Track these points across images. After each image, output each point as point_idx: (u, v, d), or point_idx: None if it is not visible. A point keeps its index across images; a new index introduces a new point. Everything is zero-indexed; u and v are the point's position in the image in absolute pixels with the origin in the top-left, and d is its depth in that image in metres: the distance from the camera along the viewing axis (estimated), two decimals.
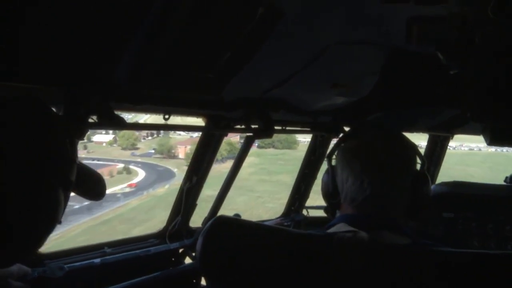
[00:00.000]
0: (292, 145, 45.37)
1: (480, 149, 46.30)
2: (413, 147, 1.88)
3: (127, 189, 37.45)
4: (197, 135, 3.06)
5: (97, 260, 2.65)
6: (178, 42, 1.71)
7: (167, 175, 41.55)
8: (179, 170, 42.92)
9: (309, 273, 1.55)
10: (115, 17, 1.49)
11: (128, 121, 2.07)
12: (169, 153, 46.92)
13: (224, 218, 1.74)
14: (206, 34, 1.78)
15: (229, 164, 4.04)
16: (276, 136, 3.03)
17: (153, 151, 47.51)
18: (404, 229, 1.74)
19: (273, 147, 44.47)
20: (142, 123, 2.31)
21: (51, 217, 1.20)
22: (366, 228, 1.64)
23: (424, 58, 2.32)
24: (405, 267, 1.52)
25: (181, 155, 45.23)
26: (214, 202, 3.37)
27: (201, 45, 1.83)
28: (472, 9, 1.64)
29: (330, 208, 1.94)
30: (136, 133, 48.13)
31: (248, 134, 2.98)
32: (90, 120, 1.87)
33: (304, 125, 3.47)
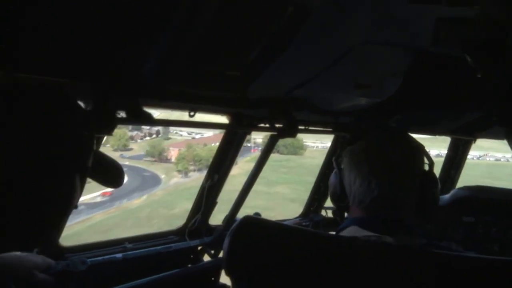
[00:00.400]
0: (299, 150, 42.93)
1: (507, 160, 42.68)
2: (420, 148, 1.88)
3: (99, 198, 33.43)
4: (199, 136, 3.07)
5: (119, 255, 2.68)
6: (205, 39, 1.72)
7: (152, 182, 38.94)
8: (167, 177, 40.52)
9: (335, 275, 1.56)
10: (143, 14, 1.50)
11: None
12: (160, 156, 44.63)
13: (251, 218, 1.75)
14: (233, 32, 1.79)
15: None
16: (281, 140, 3.02)
17: (143, 153, 44.97)
18: (416, 230, 1.74)
19: (278, 151, 40.77)
20: (169, 119, 2.32)
21: (67, 201, 1.23)
22: (380, 231, 1.66)
23: (449, 60, 2.31)
24: (428, 271, 1.52)
25: (174, 158, 42.95)
26: (235, 202, 3.38)
27: (228, 43, 1.84)
28: (503, 11, 1.62)
29: (339, 210, 1.96)
30: (129, 133, 46.30)
31: (272, 133, 2.98)
32: (118, 116, 1.89)
33: (326, 125, 3.47)
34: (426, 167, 1.87)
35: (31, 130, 1.15)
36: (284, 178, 35.37)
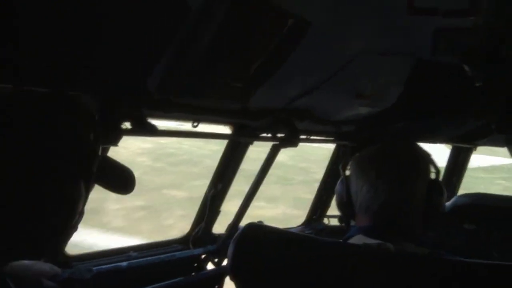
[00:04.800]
0: None
1: None
2: (427, 156, 1.89)
3: None
4: None
5: (124, 264, 2.70)
6: (209, 52, 1.75)
7: None
8: None
9: (338, 283, 1.57)
10: (148, 27, 1.54)
11: None
12: None
13: (255, 226, 1.77)
14: (236, 45, 1.83)
15: None
16: None
17: None
18: (421, 239, 1.75)
19: None
20: (173, 130, 2.35)
21: (72, 208, 1.23)
22: (385, 239, 1.65)
23: (449, 69, 2.33)
24: (430, 279, 1.54)
25: None
26: (238, 210, 3.40)
27: (230, 55, 1.87)
28: (500, 22, 1.66)
29: (345, 218, 1.96)
30: None
31: (274, 143, 3.02)
32: (123, 127, 1.92)
33: (328, 134, 3.49)
34: (433, 175, 1.88)
35: (34, 137, 1.15)
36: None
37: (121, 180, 1.50)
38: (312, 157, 20.64)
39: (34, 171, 1.14)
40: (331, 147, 4.02)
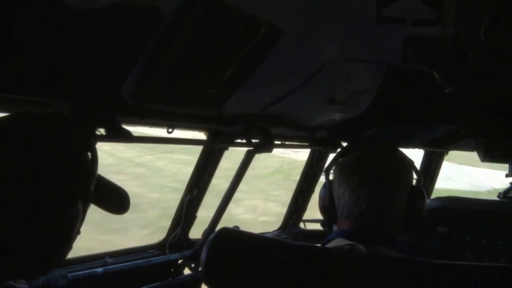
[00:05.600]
0: None
1: None
2: (409, 163, 1.92)
3: None
4: None
5: (100, 270, 2.69)
6: (182, 59, 1.76)
7: None
8: None
9: (311, 285, 1.59)
10: (122, 35, 1.55)
11: None
12: None
13: (228, 230, 1.77)
14: (209, 52, 1.84)
15: None
16: None
17: None
18: (399, 244, 1.77)
19: None
20: (147, 136, 2.35)
21: (71, 227, 1.23)
22: (363, 242, 1.65)
23: (420, 76, 2.38)
24: (402, 281, 1.56)
25: None
26: (214, 215, 3.41)
27: (204, 62, 1.89)
28: (465, 31, 1.70)
29: (328, 222, 1.96)
30: None
31: (248, 148, 3.04)
32: (98, 133, 1.92)
33: (302, 140, 3.53)
34: (415, 182, 1.90)
35: (29, 155, 1.16)
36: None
37: (116, 200, 1.50)
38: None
39: (33, 191, 1.15)
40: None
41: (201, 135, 2.74)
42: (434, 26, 1.72)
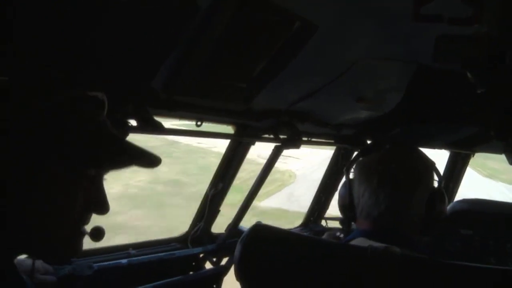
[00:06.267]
0: None
1: None
2: (431, 164, 1.91)
3: None
4: None
5: (124, 261, 2.72)
6: (214, 52, 1.77)
7: None
8: None
9: (345, 284, 1.58)
10: (155, 27, 1.56)
11: None
12: None
13: (262, 226, 1.77)
14: (241, 47, 1.85)
15: None
16: None
17: None
18: (418, 245, 1.76)
19: None
20: (178, 128, 2.37)
21: (73, 204, 1.16)
22: (386, 243, 1.65)
23: (449, 76, 2.36)
24: (433, 282, 1.56)
25: None
26: (238, 211, 3.42)
27: (235, 56, 1.89)
28: (503, 30, 1.68)
29: (347, 220, 1.97)
30: None
31: (276, 143, 3.04)
32: (129, 125, 1.94)
33: (328, 137, 3.52)
34: (436, 184, 1.89)
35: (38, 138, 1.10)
36: None
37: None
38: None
39: (34, 173, 1.10)
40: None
41: (229, 129, 2.75)
42: (471, 25, 1.70)
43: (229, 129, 2.76)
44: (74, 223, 1.19)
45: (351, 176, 1.96)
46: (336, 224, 4.32)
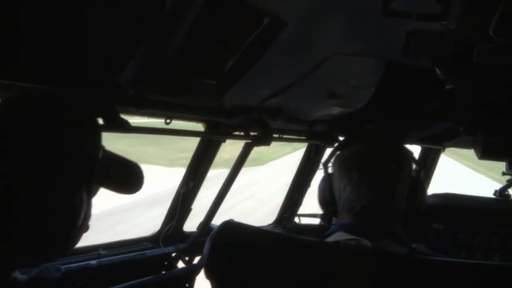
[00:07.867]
0: None
1: None
2: (410, 154, 1.89)
3: None
4: None
5: (94, 262, 2.66)
6: (183, 49, 1.74)
7: None
8: None
9: (315, 280, 1.57)
10: (122, 24, 1.52)
11: None
12: None
13: (232, 223, 1.75)
14: (210, 43, 1.82)
15: None
16: None
17: None
18: (402, 237, 1.75)
19: None
20: (145, 127, 2.32)
21: (74, 212, 1.18)
22: (366, 237, 1.65)
23: (419, 72, 2.37)
24: (407, 276, 1.56)
25: None
26: (209, 209, 3.39)
27: (205, 52, 1.86)
28: (471, 27, 1.68)
29: (327, 215, 1.94)
30: None
31: (246, 141, 3.02)
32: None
33: (300, 133, 3.52)
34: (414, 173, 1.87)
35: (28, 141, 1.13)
36: None
37: (127, 179, 1.38)
38: None
39: (33, 178, 1.11)
40: None
41: (198, 127, 2.72)
42: (439, 21, 1.70)
43: (199, 126, 2.73)
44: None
45: (329, 170, 1.94)
46: (308, 221, 4.34)
